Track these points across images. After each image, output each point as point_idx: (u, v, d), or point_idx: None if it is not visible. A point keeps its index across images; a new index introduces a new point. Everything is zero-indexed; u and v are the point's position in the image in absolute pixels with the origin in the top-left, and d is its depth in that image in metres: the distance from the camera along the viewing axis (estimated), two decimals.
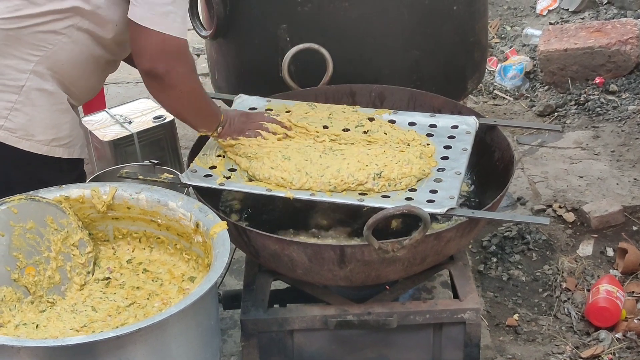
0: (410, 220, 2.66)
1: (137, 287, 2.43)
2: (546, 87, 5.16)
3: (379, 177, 2.61)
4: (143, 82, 2.64)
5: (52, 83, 2.63)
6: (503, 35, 5.82)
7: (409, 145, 2.79)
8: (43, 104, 2.63)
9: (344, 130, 2.86)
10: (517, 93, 5.21)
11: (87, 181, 2.96)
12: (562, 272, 3.68)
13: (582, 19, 5.68)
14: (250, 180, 2.68)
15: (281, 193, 2.60)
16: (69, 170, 2.73)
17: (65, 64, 2.63)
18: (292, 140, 2.81)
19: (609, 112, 4.82)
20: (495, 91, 5.26)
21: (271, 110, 2.99)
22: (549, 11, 5.89)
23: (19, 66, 2.58)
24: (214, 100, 2.84)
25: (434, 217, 2.56)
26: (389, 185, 2.61)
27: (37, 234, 2.41)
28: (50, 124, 2.65)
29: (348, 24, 3.27)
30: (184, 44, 2.56)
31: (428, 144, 2.82)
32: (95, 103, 4.13)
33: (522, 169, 4.39)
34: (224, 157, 2.79)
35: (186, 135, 4.44)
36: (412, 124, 2.96)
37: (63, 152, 2.70)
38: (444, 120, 2.97)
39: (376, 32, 3.29)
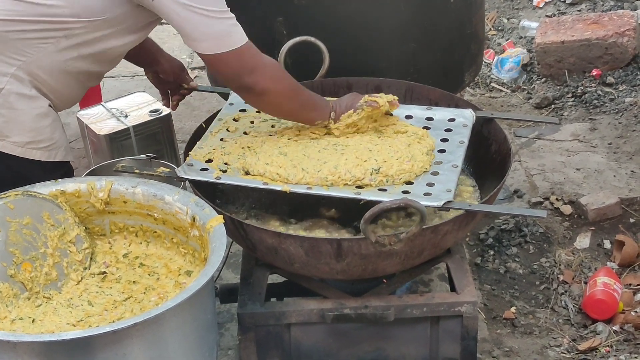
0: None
1: (134, 282, 2.43)
2: (543, 80, 5.16)
3: (377, 173, 2.60)
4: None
5: (30, 88, 2.62)
6: (500, 28, 5.81)
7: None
8: (22, 107, 2.62)
9: None
10: (514, 85, 5.20)
11: (83, 175, 2.96)
12: (560, 265, 3.68)
13: (579, 10, 5.67)
14: (247, 173, 2.67)
15: (277, 187, 2.59)
16: (52, 170, 2.71)
17: (47, 73, 2.62)
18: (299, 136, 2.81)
19: (606, 104, 4.82)
20: (492, 84, 5.26)
21: None
22: (546, 3, 5.87)
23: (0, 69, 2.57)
24: (218, 92, 2.83)
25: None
26: (387, 182, 2.60)
27: (34, 230, 2.41)
28: (28, 127, 2.64)
29: (345, 16, 3.26)
30: (249, 49, 2.56)
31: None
32: (91, 97, 4.13)
33: (519, 161, 4.39)
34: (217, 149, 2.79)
35: (183, 128, 4.44)
36: (408, 116, 2.96)
37: (41, 155, 2.68)
38: (441, 113, 2.97)
39: (373, 24, 3.28)
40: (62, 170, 2.76)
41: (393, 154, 2.67)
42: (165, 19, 2.57)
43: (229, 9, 2.54)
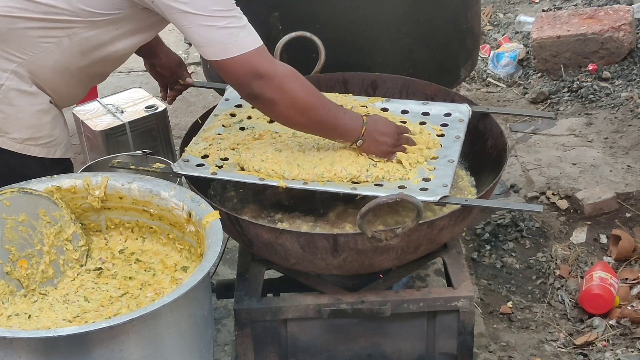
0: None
1: (130, 277, 2.43)
2: (539, 74, 5.16)
3: (374, 167, 2.60)
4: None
5: (31, 85, 2.61)
6: (496, 23, 5.81)
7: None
8: (21, 104, 2.61)
9: None
10: (510, 80, 5.20)
11: (79, 171, 2.95)
12: (556, 260, 3.69)
13: (575, 5, 5.68)
14: (242, 169, 2.67)
15: (274, 182, 2.59)
16: (51, 167, 2.70)
17: (48, 71, 2.61)
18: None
19: (602, 99, 4.82)
20: (489, 79, 5.26)
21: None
22: None
23: (0, 64, 2.56)
24: (214, 88, 2.75)
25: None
26: (383, 178, 2.60)
27: (30, 227, 2.40)
28: (27, 124, 2.63)
29: (340, 11, 3.26)
30: (258, 54, 2.44)
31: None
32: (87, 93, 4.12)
33: (515, 156, 4.39)
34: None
35: (179, 124, 4.44)
36: (404, 112, 2.96)
37: (40, 151, 2.68)
38: (437, 108, 2.96)
39: (369, 19, 3.28)
40: (61, 166, 2.76)
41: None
42: (170, 21, 2.51)
43: (238, 8, 2.45)
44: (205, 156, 2.74)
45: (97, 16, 2.54)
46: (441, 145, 2.77)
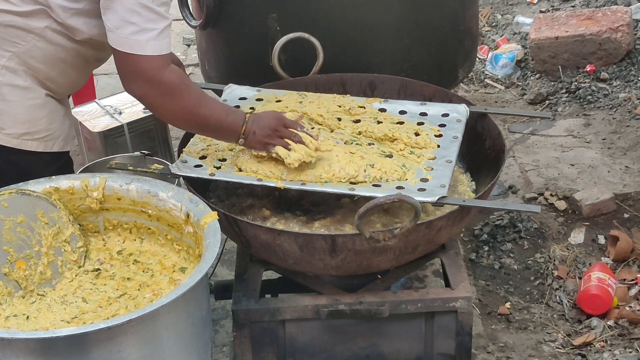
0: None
1: (128, 278, 2.43)
2: (537, 75, 5.16)
3: (371, 167, 2.60)
4: None
5: (25, 78, 2.61)
6: (494, 24, 5.81)
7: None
8: (15, 99, 2.61)
9: (337, 119, 2.86)
10: (508, 81, 5.21)
11: (77, 172, 2.95)
12: (554, 260, 3.68)
13: (573, 6, 5.68)
14: (241, 170, 2.67)
15: (272, 183, 2.59)
16: (51, 161, 2.71)
17: (40, 61, 2.61)
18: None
19: (600, 100, 4.83)
20: (487, 80, 5.26)
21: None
22: None
23: None
24: (211, 89, 2.76)
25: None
26: (380, 178, 2.60)
27: (28, 228, 2.40)
28: (22, 119, 2.63)
29: (338, 12, 3.26)
30: (153, 62, 2.45)
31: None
32: (85, 94, 4.12)
33: (514, 157, 4.39)
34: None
35: None
36: (402, 112, 2.96)
37: (37, 146, 2.67)
38: (435, 109, 2.97)
39: (367, 20, 3.28)
40: (61, 161, 2.76)
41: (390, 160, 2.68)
42: None
43: (168, 9, 2.48)
44: (203, 157, 2.74)
45: (68, 9, 2.55)
46: (439, 146, 2.77)
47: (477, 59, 4.80)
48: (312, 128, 2.77)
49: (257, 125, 2.61)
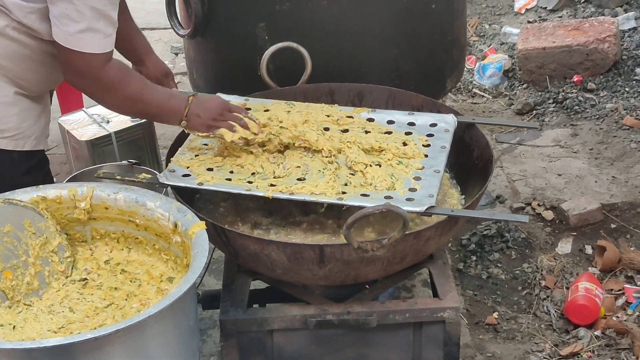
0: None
1: (115, 288, 2.42)
2: (525, 86, 5.18)
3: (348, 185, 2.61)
4: None
5: None
6: (482, 34, 5.83)
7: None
8: None
9: (324, 129, 2.86)
10: (495, 91, 5.22)
11: (64, 181, 2.94)
12: (541, 270, 3.69)
13: (560, 17, 5.70)
14: (228, 179, 2.67)
15: (260, 192, 2.59)
16: (22, 160, 2.70)
17: (5, 60, 2.60)
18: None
19: (587, 110, 4.84)
20: (474, 90, 5.28)
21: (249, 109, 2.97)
22: (527, 9, 5.90)
23: None
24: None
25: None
26: (370, 184, 2.60)
27: (15, 238, 2.39)
28: None
29: (327, 22, 3.27)
30: (93, 61, 2.51)
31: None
32: (73, 102, 4.11)
33: (501, 167, 4.40)
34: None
35: (165, 134, 4.42)
36: (390, 122, 2.96)
37: (7, 144, 2.66)
38: (423, 118, 2.97)
39: (355, 30, 3.29)
40: (33, 160, 2.75)
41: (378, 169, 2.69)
42: None
43: (115, 11, 2.52)
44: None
45: (23, 7, 2.55)
46: (427, 156, 2.78)
47: (465, 69, 4.81)
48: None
49: (201, 108, 2.69)
